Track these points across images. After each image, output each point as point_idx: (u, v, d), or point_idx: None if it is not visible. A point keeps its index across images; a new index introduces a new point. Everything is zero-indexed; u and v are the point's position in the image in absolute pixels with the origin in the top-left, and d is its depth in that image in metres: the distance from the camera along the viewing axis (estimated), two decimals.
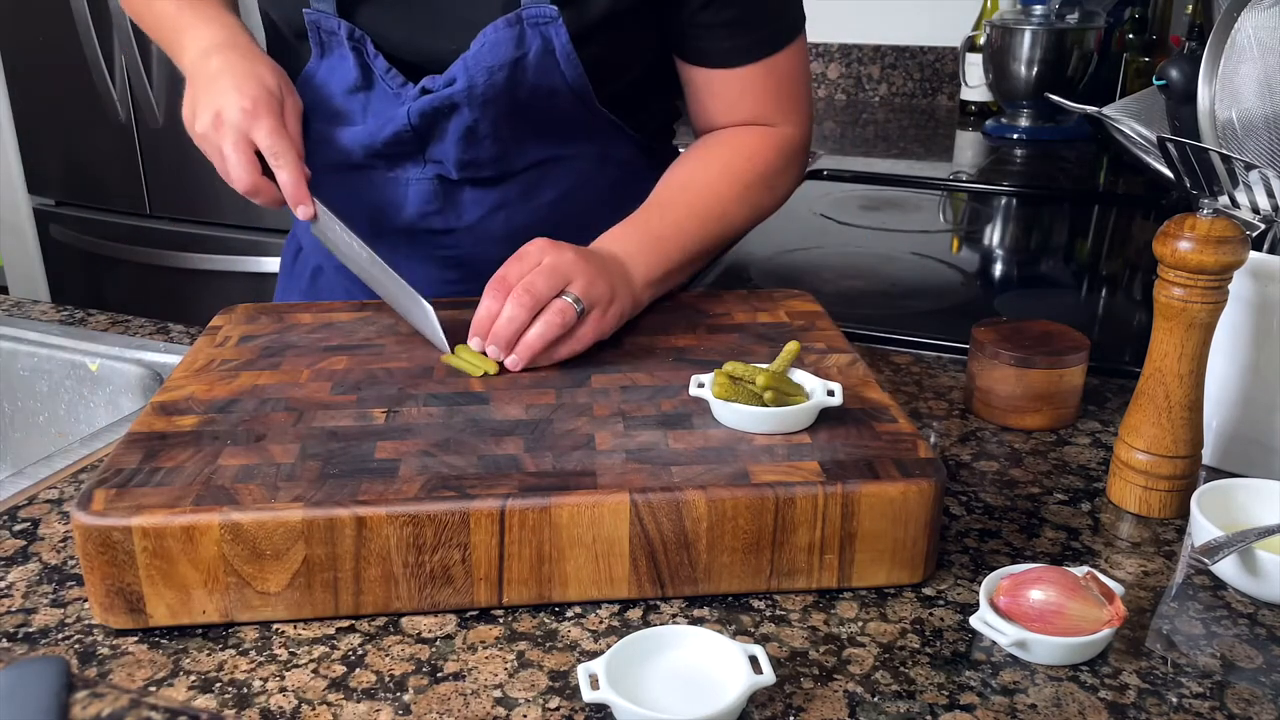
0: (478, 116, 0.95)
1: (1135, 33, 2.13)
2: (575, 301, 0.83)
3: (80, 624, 0.67)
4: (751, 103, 1.01)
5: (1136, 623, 0.68)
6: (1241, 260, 0.73)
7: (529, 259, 0.85)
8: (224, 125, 0.88)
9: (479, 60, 0.92)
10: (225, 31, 0.97)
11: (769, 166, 1.01)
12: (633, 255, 0.92)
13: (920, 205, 1.73)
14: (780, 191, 1.04)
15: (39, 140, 2.72)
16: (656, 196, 0.99)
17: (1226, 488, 0.76)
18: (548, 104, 0.96)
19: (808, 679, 0.62)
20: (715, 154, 1.01)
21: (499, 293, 0.83)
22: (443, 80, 0.94)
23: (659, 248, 0.94)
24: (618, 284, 0.88)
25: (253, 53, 0.95)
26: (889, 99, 2.60)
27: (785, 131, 1.03)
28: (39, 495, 0.83)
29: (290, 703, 0.60)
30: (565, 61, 0.93)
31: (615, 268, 0.89)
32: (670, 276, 0.95)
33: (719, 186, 0.99)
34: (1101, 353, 1.01)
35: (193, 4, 1.01)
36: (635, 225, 0.95)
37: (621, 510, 0.66)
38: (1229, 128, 0.92)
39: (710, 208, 0.98)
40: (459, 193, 1.01)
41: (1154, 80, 1.08)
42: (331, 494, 0.66)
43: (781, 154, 1.02)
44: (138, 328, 1.17)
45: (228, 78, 0.90)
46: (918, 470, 0.69)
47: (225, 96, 0.89)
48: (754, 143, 1.01)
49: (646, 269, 0.92)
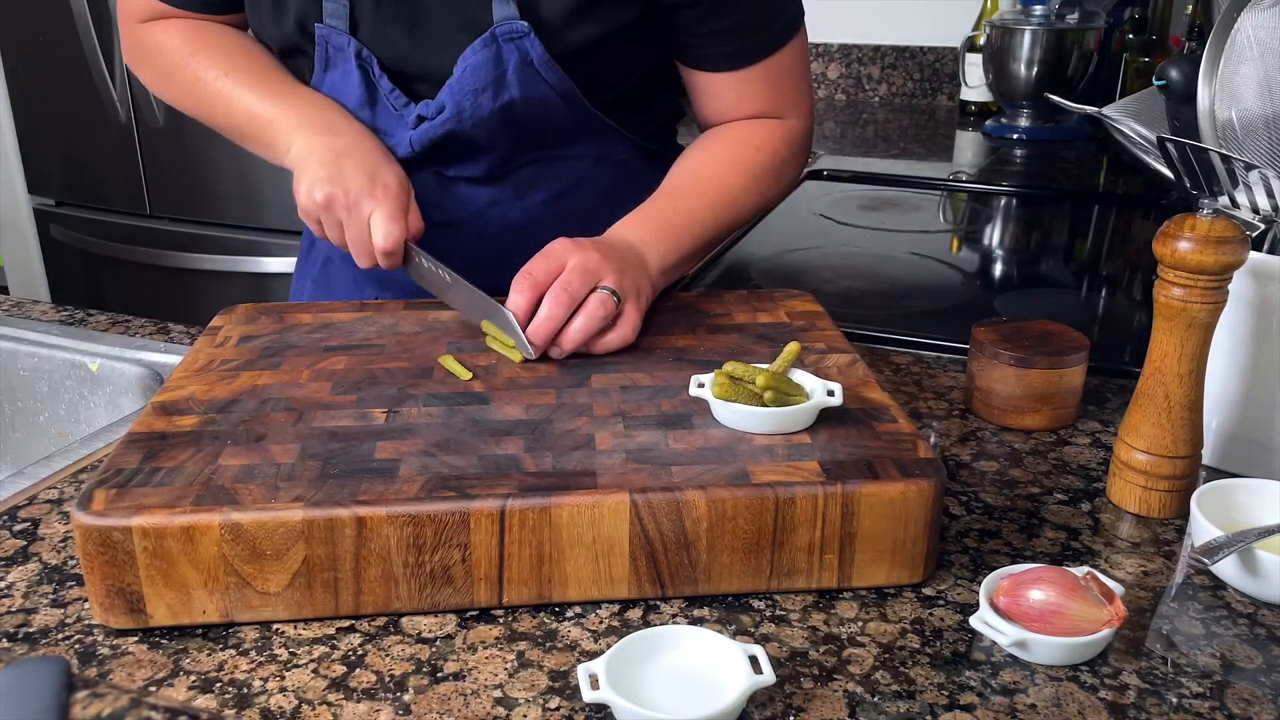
0: (474, 136, 0.97)
1: (1135, 33, 2.13)
2: (613, 293, 0.85)
3: (80, 624, 0.67)
4: (755, 100, 1.02)
5: (1136, 623, 0.68)
6: (1241, 260, 0.73)
7: (555, 257, 0.86)
8: (370, 197, 0.90)
9: (462, 85, 0.94)
10: (337, 116, 0.97)
11: (776, 156, 1.03)
12: (648, 243, 0.93)
13: (920, 205, 1.73)
14: (786, 180, 1.06)
15: (39, 140, 2.72)
16: (668, 185, 1.00)
17: (1226, 488, 0.76)
18: (539, 110, 0.97)
19: (808, 679, 0.62)
20: (724, 145, 1.02)
21: (527, 288, 0.84)
22: (434, 107, 0.96)
23: (672, 235, 0.95)
24: (638, 274, 0.90)
25: (380, 145, 0.96)
26: (889, 99, 2.60)
27: (790, 123, 1.04)
28: (39, 495, 0.83)
29: (290, 703, 0.60)
30: (545, 70, 0.94)
31: (633, 257, 0.91)
32: (683, 264, 0.97)
33: (729, 176, 1.00)
34: (1101, 353, 1.01)
35: (282, 90, 0.99)
36: (649, 213, 0.96)
37: (621, 510, 0.66)
38: (1229, 128, 0.92)
39: (721, 196, 0.99)
40: (454, 189, 1.01)
41: (1154, 80, 1.08)
42: (331, 494, 0.66)
43: (788, 144, 1.04)
44: (138, 328, 1.17)
45: (358, 158, 0.92)
46: (918, 470, 0.69)
47: (353, 179, 0.90)
48: (761, 134, 1.03)
49: (661, 256, 0.93)
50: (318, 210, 0.91)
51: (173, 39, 1.05)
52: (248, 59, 1.03)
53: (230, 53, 1.03)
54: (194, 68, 1.03)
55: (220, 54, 1.03)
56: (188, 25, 1.06)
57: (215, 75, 1.02)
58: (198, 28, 1.06)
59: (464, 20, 0.93)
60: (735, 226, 1.02)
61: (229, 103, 1.01)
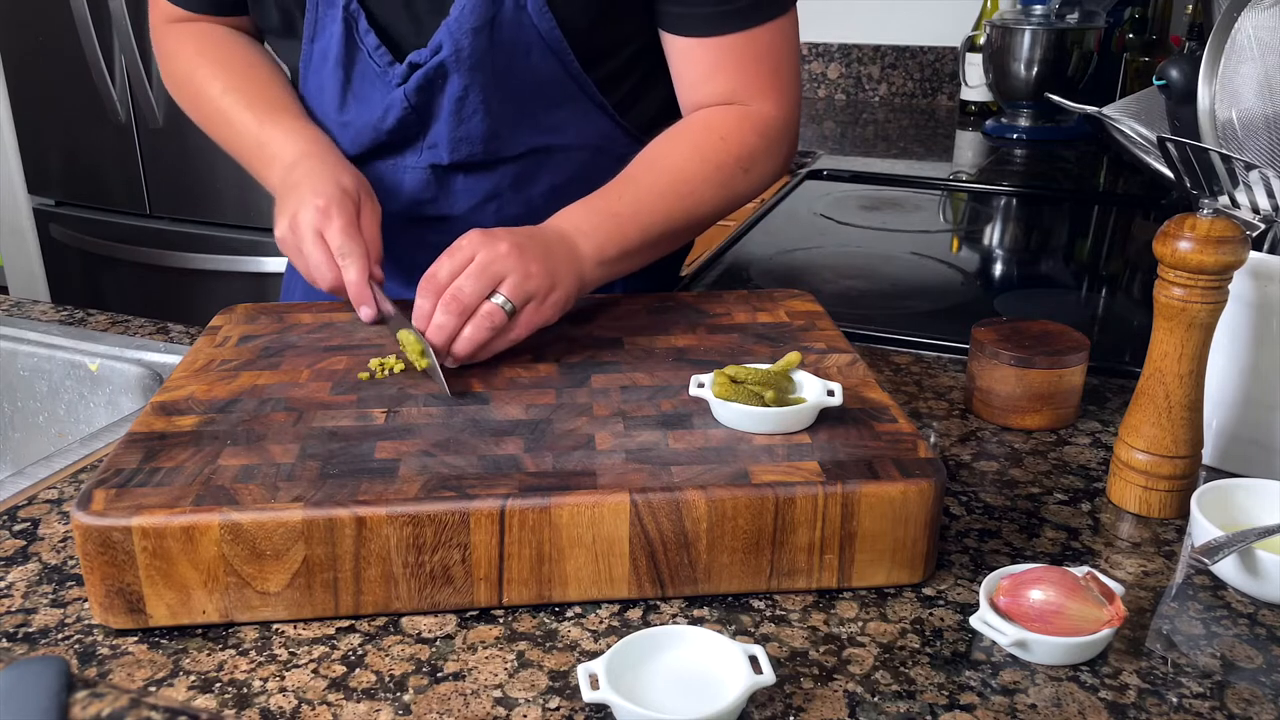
0: (467, 84, 0.95)
1: (1135, 33, 2.13)
2: (505, 303, 0.82)
3: (80, 624, 0.67)
4: (727, 76, 0.98)
5: (1136, 623, 0.68)
6: (1241, 260, 0.73)
7: (460, 254, 0.83)
8: (300, 227, 0.89)
9: (461, 24, 0.92)
10: (308, 142, 0.97)
11: (744, 147, 0.97)
12: (584, 233, 0.89)
13: (920, 205, 1.73)
14: (757, 175, 0.99)
15: (39, 140, 2.72)
16: (621, 174, 0.96)
17: (1226, 488, 0.76)
18: (525, 64, 0.95)
19: (808, 679, 0.62)
20: (687, 134, 0.98)
21: (430, 291, 0.82)
22: (429, 50, 0.94)
23: (615, 225, 0.91)
24: (560, 267, 0.86)
25: (334, 158, 0.95)
26: (889, 99, 2.60)
27: (763, 110, 0.99)
28: (39, 495, 0.83)
29: (290, 703, 0.60)
30: (537, 15, 0.92)
31: (560, 249, 0.87)
32: (628, 256, 0.93)
33: (687, 166, 0.95)
34: (1101, 353, 1.01)
35: (273, 116, 0.99)
36: (592, 203, 0.93)
37: (621, 510, 0.66)
38: (1229, 128, 0.92)
39: (675, 187, 0.94)
40: (452, 181, 1.01)
41: (1154, 80, 1.08)
42: (331, 494, 0.66)
43: (760, 135, 0.98)
44: (137, 328, 1.17)
45: (306, 183, 0.91)
46: (918, 470, 0.69)
47: (301, 200, 0.89)
48: (729, 122, 0.98)
49: (598, 248, 0.90)
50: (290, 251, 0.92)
51: (184, 48, 1.05)
52: (249, 75, 1.03)
53: (233, 68, 1.03)
54: (198, 82, 1.04)
55: (222, 69, 1.03)
56: (198, 33, 1.06)
57: (217, 92, 1.02)
58: (206, 37, 1.06)
59: None
60: (696, 219, 0.97)
61: (229, 121, 1.02)
